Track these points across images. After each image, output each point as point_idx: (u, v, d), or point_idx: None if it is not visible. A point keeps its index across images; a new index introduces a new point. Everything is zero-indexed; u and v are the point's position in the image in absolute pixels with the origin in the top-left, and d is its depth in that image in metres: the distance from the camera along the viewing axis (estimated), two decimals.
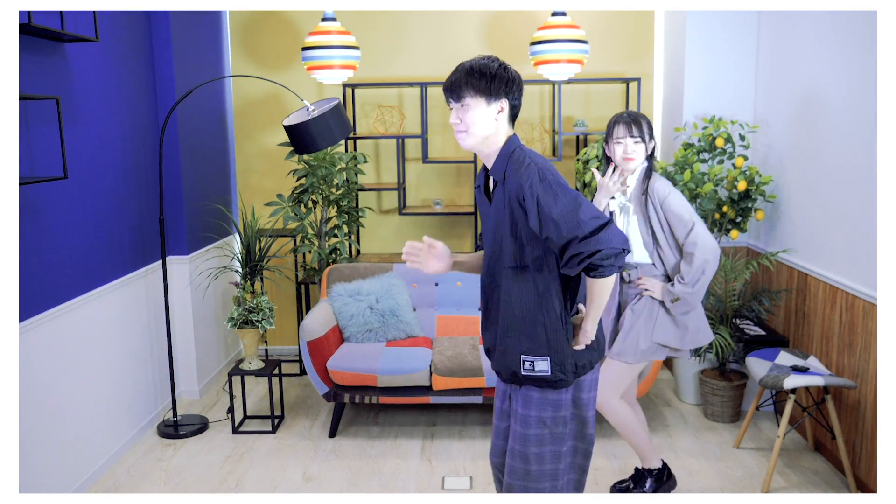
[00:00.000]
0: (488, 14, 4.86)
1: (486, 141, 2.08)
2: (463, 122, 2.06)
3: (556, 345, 2.11)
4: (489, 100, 2.05)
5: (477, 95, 2.04)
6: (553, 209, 1.96)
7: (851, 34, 3.17)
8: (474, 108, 2.05)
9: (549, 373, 2.12)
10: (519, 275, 2.09)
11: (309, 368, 3.69)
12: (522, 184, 2.00)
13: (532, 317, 2.11)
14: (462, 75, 2.05)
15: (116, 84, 3.61)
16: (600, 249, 1.94)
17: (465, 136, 2.07)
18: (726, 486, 3.25)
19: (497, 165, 2.09)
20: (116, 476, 3.42)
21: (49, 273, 3.01)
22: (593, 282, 2.03)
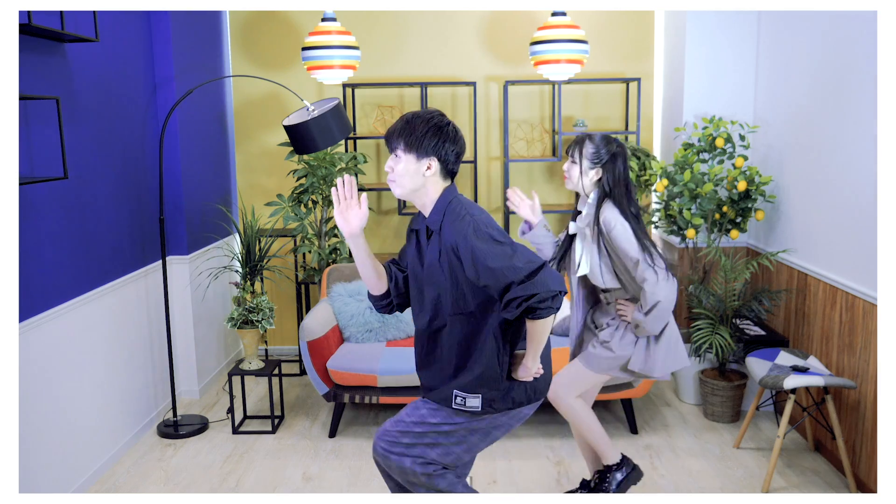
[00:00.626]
0: (488, 14, 4.86)
1: (415, 193, 2.15)
2: (394, 172, 2.13)
3: (491, 383, 2.17)
4: (418, 156, 2.10)
5: (407, 150, 2.11)
6: (488, 258, 2.02)
7: (851, 34, 3.17)
8: (404, 161, 2.12)
9: (478, 409, 2.19)
10: (463, 320, 2.15)
11: (309, 368, 3.69)
12: (457, 236, 2.07)
13: (472, 357, 2.17)
14: (398, 127, 2.12)
15: (116, 84, 3.61)
16: (537, 293, 2.00)
17: (394, 185, 2.14)
18: (726, 486, 3.25)
19: (433, 217, 2.15)
20: (116, 476, 3.42)
21: (49, 273, 3.01)
22: (532, 323, 2.08)
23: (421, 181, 2.12)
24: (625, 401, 3.76)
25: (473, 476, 3.36)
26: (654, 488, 3.24)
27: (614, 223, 2.69)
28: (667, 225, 4.11)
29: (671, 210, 4.01)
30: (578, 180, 2.76)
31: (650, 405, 4.13)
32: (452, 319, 2.17)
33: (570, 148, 2.79)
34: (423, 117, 2.12)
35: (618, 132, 4.60)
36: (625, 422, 3.90)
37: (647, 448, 3.61)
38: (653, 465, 3.45)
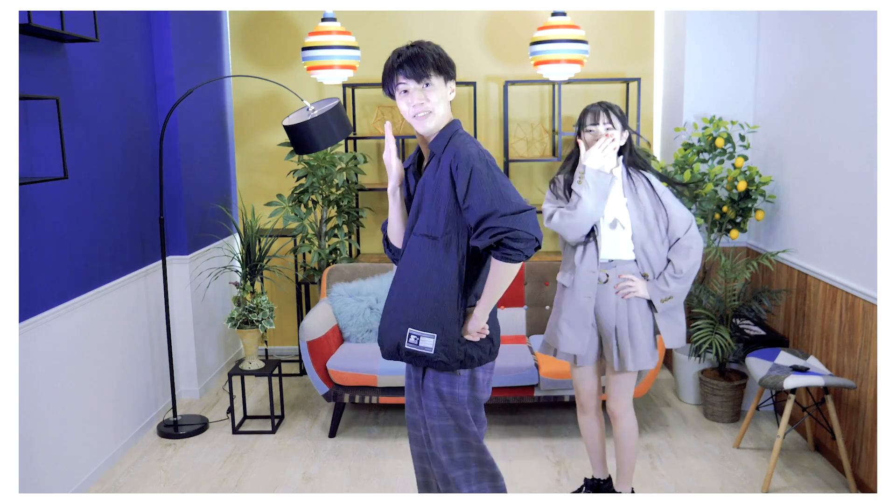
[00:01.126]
0: (488, 14, 4.86)
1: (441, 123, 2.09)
2: (429, 102, 2.04)
3: (447, 326, 2.09)
4: (446, 79, 2.07)
5: (438, 75, 2.04)
6: (484, 181, 1.98)
7: (851, 34, 3.17)
8: (438, 88, 2.05)
9: (432, 351, 2.09)
10: (427, 244, 2.09)
11: (309, 368, 3.69)
12: (458, 155, 2.01)
13: (429, 289, 2.08)
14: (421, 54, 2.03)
15: (116, 84, 3.61)
16: (515, 229, 1.94)
17: (429, 118, 2.05)
18: (726, 486, 3.25)
19: (438, 140, 2.08)
20: (116, 476, 3.42)
21: (49, 273, 3.01)
22: (496, 266, 2.02)
23: (448, 108, 2.09)
24: None
25: None
26: (654, 488, 3.24)
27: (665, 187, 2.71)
28: None
29: None
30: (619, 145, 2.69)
31: (650, 405, 4.13)
32: (420, 241, 2.10)
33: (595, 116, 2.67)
34: (433, 44, 2.08)
35: None
36: None
37: (647, 448, 3.61)
38: (653, 465, 3.45)
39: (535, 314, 4.22)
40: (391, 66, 2.06)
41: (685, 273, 2.68)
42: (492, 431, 3.82)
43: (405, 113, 2.08)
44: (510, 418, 3.97)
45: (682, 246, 2.69)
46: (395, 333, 2.15)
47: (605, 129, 2.67)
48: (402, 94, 2.07)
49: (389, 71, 2.07)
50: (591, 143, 2.69)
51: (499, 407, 4.11)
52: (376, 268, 4.24)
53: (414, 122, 2.07)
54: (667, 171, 4.03)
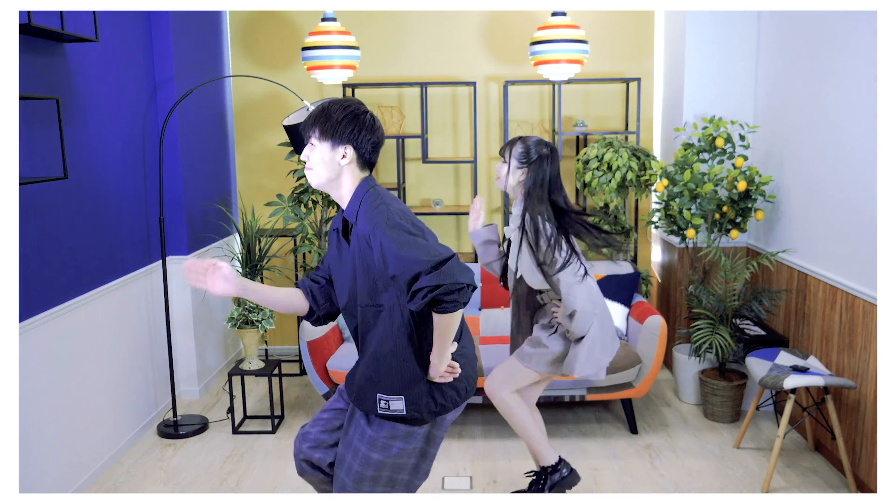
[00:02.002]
0: (488, 14, 4.86)
1: (331, 184, 2.10)
2: (310, 161, 2.09)
3: (412, 384, 2.12)
4: (333, 144, 2.06)
5: (322, 138, 2.07)
6: (396, 247, 1.96)
7: (851, 34, 3.17)
8: (319, 149, 2.08)
9: (404, 412, 2.13)
10: (374, 314, 2.11)
11: (309, 368, 3.69)
12: (370, 224, 2.02)
13: (387, 356, 2.12)
14: (313, 114, 2.08)
15: (116, 84, 3.61)
16: (442, 284, 1.93)
17: (311, 174, 2.10)
18: (726, 486, 3.25)
19: (350, 208, 2.11)
20: (116, 476, 3.42)
21: (49, 273, 3.01)
22: (439, 318, 2.02)
23: (337, 170, 2.08)
24: (625, 401, 3.76)
25: (473, 476, 3.36)
26: (654, 488, 3.24)
27: (539, 234, 2.76)
28: (667, 225, 4.11)
29: (671, 210, 4.01)
30: (505, 179, 2.86)
31: (650, 405, 4.13)
32: (367, 311, 2.12)
33: (503, 149, 2.88)
34: (341, 104, 2.08)
35: (618, 132, 4.60)
36: (625, 422, 3.90)
37: (647, 448, 3.61)
38: (653, 465, 3.45)
39: None
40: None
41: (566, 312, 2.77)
42: (492, 431, 3.82)
43: None
44: None
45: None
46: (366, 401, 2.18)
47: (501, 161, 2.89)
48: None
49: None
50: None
51: None
52: None
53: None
54: (667, 172, 4.03)
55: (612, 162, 4.23)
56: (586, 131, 4.65)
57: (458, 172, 4.99)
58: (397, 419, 2.14)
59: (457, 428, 3.86)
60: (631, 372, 3.64)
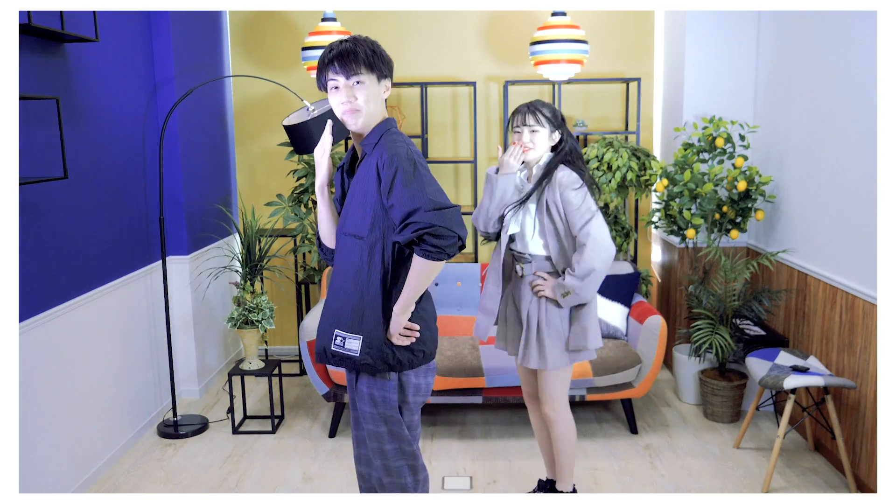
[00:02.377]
0: (488, 14, 4.86)
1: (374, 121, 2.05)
2: (358, 101, 2.01)
3: (372, 328, 2.07)
4: (380, 77, 2.03)
5: (372, 73, 2.01)
6: (406, 180, 1.95)
7: (851, 34, 3.17)
8: (368, 84, 2.01)
9: (357, 353, 2.07)
10: (354, 244, 2.07)
11: (309, 368, 3.69)
12: (386, 152, 1.98)
13: (355, 291, 2.06)
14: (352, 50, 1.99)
15: (116, 84, 3.61)
16: (436, 224, 1.92)
17: (358, 116, 2.02)
18: (726, 486, 3.25)
19: (369, 139, 2.06)
20: (116, 476, 3.42)
21: (49, 273, 3.01)
22: (417, 263, 1.98)
23: (381, 106, 2.05)
24: (625, 401, 3.76)
25: (473, 476, 3.36)
26: (654, 488, 3.24)
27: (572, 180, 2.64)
28: (667, 225, 4.11)
29: (671, 210, 4.01)
30: (544, 144, 2.69)
31: (650, 405, 4.13)
32: (348, 241, 2.08)
33: (523, 116, 2.67)
34: (369, 40, 2.05)
35: (618, 132, 4.60)
36: (625, 422, 3.90)
37: (647, 448, 3.61)
38: (653, 465, 3.45)
39: None
40: (322, 60, 2.02)
41: (578, 271, 2.61)
42: (492, 431, 3.82)
43: (335, 108, 2.05)
44: (510, 418, 3.97)
45: (578, 242, 2.65)
46: (324, 336, 2.13)
47: (529, 131, 2.67)
48: (332, 90, 2.03)
49: (320, 65, 2.03)
50: (517, 144, 2.70)
51: (499, 407, 4.11)
52: None
53: (344, 118, 2.04)
54: (667, 172, 4.03)
55: (612, 162, 4.23)
56: (586, 131, 4.65)
57: (458, 172, 4.99)
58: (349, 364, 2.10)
59: (457, 428, 3.87)
60: (631, 372, 3.64)
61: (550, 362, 2.71)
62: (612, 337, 3.96)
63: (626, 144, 4.34)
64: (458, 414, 4.04)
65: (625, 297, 4.03)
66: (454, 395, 3.64)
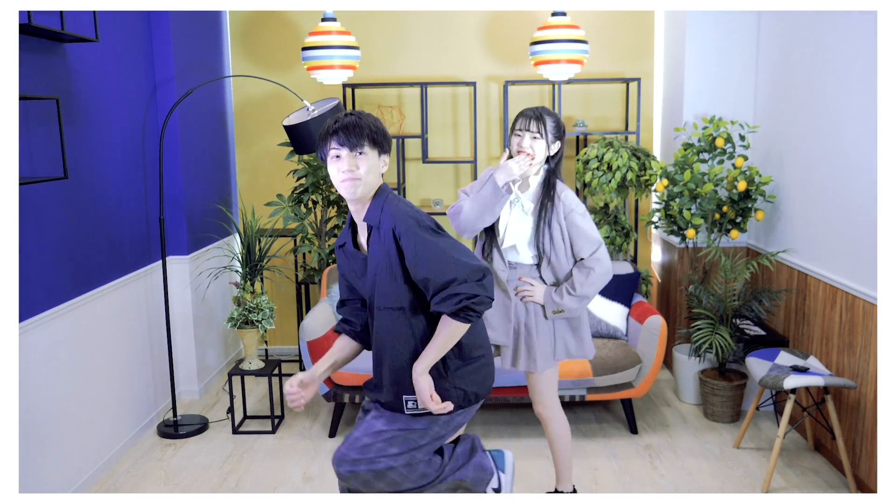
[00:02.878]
0: (488, 14, 4.86)
1: (371, 192, 2.10)
2: (359, 170, 2.05)
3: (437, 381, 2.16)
4: (381, 153, 2.10)
5: (374, 147, 2.07)
6: (433, 251, 2.01)
7: (851, 34, 3.17)
8: (370, 157, 2.07)
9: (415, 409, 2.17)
10: (396, 316, 2.13)
11: (309, 368, 3.69)
12: (402, 225, 2.04)
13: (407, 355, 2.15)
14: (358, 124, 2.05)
15: (116, 84, 3.61)
16: (478, 295, 2.00)
17: (357, 185, 2.06)
18: (726, 486, 3.25)
19: (372, 213, 2.10)
20: (116, 476, 3.42)
21: (49, 273, 3.01)
22: (450, 324, 2.06)
23: (379, 179, 2.11)
24: (625, 401, 3.76)
25: None
26: (654, 488, 3.24)
27: (576, 203, 2.68)
28: (667, 225, 4.11)
29: (671, 210, 4.01)
30: (545, 153, 2.68)
31: (650, 405, 4.13)
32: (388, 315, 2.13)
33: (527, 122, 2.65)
34: (369, 116, 2.10)
35: (618, 132, 4.60)
36: (625, 422, 3.90)
37: (647, 448, 3.61)
38: (653, 465, 3.45)
39: None
40: (327, 130, 2.08)
41: (580, 293, 2.65)
42: (491, 431, 3.82)
43: (333, 177, 2.09)
44: (510, 418, 3.97)
45: (584, 266, 2.67)
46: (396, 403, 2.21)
47: (531, 137, 2.65)
48: (333, 158, 2.08)
49: (324, 135, 2.09)
50: (514, 148, 2.69)
51: (499, 407, 4.11)
52: None
53: (341, 188, 2.08)
54: (667, 172, 4.03)
55: (612, 162, 4.23)
56: (586, 131, 4.65)
57: (458, 172, 4.99)
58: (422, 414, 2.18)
59: None
60: (631, 372, 3.64)
61: (540, 364, 2.75)
62: (612, 337, 3.96)
63: (626, 144, 4.34)
64: None
65: (625, 297, 4.03)
66: None
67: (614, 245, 4.50)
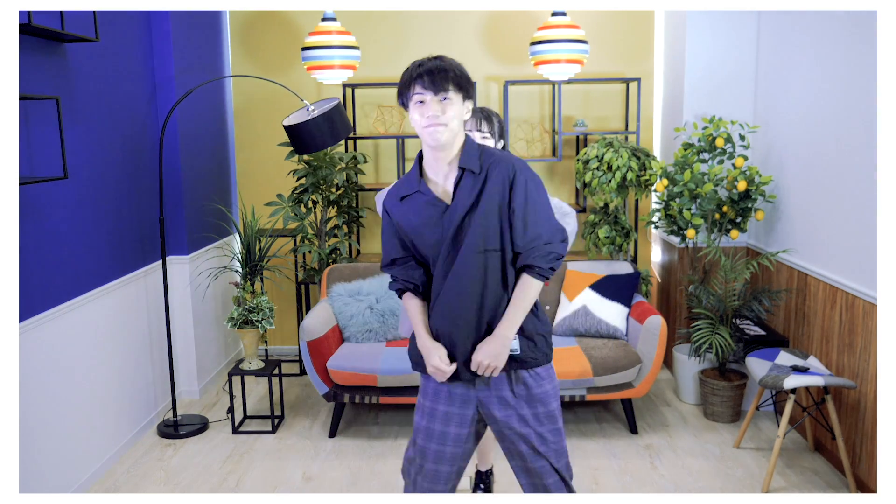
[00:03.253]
0: (488, 14, 4.86)
1: (455, 139, 2.06)
2: (445, 116, 2.00)
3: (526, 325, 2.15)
4: (465, 97, 2.06)
5: (457, 91, 2.02)
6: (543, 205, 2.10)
7: (851, 34, 3.17)
8: (455, 102, 2.03)
9: (518, 351, 2.12)
10: (493, 257, 2.09)
11: (309, 368, 3.69)
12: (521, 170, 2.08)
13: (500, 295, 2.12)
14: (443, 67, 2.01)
15: (116, 84, 3.61)
16: (562, 255, 2.11)
17: (443, 130, 2.00)
18: (726, 486, 3.25)
19: (468, 157, 2.07)
20: (116, 476, 3.42)
21: (49, 273, 3.01)
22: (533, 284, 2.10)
23: (461, 125, 2.07)
24: (625, 401, 3.76)
25: (473, 476, 3.36)
26: (654, 488, 3.24)
27: None
28: (667, 225, 4.11)
29: (671, 210, 4.01)
30: None
31: (650, 405, 4.13)
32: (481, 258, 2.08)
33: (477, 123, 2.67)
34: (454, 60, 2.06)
35: (618, 132, 4.60)
36: (625, 422, 3.90)
37: (647, 448, 3.61)
38: (653, 465, 3.45)
39: None
40: (410, 75, 2.02)
41: None
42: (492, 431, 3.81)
43: (416, 123, 2.03)
44: None
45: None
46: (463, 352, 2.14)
47: (481, 136, 2.70)
48: (416, 104, 2.02)
49: (408, 80, 2.03)
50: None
51: None
52: (376, 268, 4.24)
53: (425, 134, 2.02)
54: (667, 172, 4.03)
55: (612, 162, 4.23)
56: (586, 131, 4.65)
57: None
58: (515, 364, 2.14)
59: None
60: (631, 372, 3.64)
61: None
62: (612, 337, 3.96)
63: (626, 144, 4.34)
64: None
65: (625, 297, 4.03)
66: None
67: (614, 245, 4.50)
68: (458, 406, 2.18)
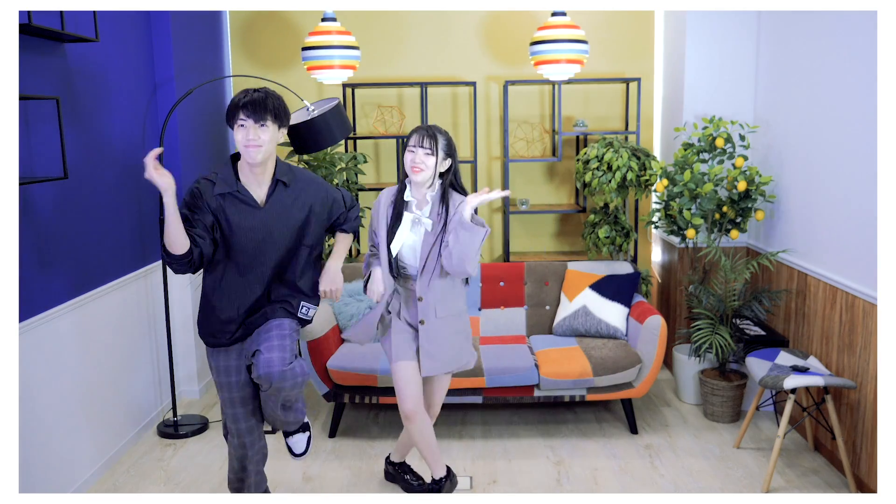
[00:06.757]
0: (488, 14, 4.86)
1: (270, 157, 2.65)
2: (260, 139, 2.52)
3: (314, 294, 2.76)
4: (280, 128, 2.64)
5: (275, 121, 2.57)
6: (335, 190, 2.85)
7: (851, 34, 3.17)
8: (271, 129, 2.56)
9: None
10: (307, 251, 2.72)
11: (309, 368, 3.69)
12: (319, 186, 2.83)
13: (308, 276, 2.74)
14: (267, 101, 2.50)
15: (116, 84, 3.61)
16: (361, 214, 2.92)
17: (259, 151, 2.54)
18: (726, 486, 3.25)
19: (283, 170, 2.74)
20: (116, 476, 3.42)
21: (49, 273, 3.01)
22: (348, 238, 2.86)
23: (274, 148, 2.61)
24: (625, 401, 3.76)
25: (473, 476, 3.36)
26: (654, 488, 3.24)
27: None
28: (667, 225, 4.11)
29: (671, 210, 4.01)
30: (434, 170, 2.77)
31: (650, 405, 4.13)
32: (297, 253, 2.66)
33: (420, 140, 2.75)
34: (275, 93, 2.55)
35: (618, 132, 4.60)
36: (625, 422, 3.90)
37: (647, 448, 3.61)
38: (653, 465, 3.45)
39: (535, 314, 4.22)
40: (236, 103, 2.48)
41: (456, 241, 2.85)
42: (492, 431, 3.82)
43: (238, 142, 2.51)
44: (510, 418, 3.97)
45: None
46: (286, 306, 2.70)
47: (423, 153, 2.75)
48: (239, 126, 2.49)
49: (235, 107, 2.48)
50: (408, 164, 2.78)
51: (499, 407, 4.11)
52: None
53: (246, 151, 2.51)
54: (667, 172, 4.03)
55: (612, 162, 4.23)
56: (586, 131, 4.65)
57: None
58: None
59: (457, 428, 3.87)
60: (631, 372, 3.64)
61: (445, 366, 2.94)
62: (612, 337, 3.96)
63: (626, 144, 4.34)
64: (458, 414, 4.04)
65: (625, 297, 4.03)
66: (454, 395, 3.64)
67: (614, 245, 4.50)
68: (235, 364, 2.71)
